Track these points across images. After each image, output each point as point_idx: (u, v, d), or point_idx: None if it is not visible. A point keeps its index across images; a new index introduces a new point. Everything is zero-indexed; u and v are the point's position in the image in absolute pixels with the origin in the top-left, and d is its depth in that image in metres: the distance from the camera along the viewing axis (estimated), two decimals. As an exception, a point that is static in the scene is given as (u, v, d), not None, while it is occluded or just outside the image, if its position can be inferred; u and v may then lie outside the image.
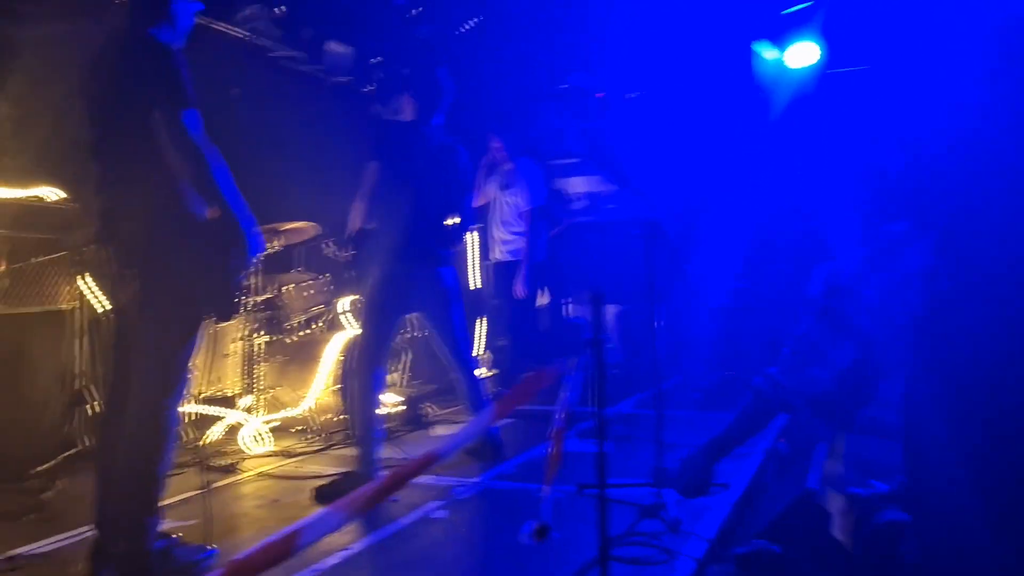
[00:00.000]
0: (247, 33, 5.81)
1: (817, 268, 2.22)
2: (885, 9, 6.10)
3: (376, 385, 4.02)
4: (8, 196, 4.15)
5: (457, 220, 4.33)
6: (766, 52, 7.29)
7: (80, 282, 4.23)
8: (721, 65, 7.22)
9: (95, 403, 3.94)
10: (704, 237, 6.94)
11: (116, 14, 2.97)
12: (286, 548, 1.64)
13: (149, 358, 2.80)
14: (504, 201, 6.25)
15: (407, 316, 4.47)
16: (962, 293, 1.29)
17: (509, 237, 6.23)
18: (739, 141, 7.37)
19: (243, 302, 4.91)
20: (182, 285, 2.77)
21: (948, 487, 1.19)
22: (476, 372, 4.47)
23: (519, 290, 6.08)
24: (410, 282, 4.08)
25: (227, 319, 2.87)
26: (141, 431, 2.75)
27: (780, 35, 7.26)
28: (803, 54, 7.06)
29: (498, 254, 6.34)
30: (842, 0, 6.65)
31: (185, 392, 2.88)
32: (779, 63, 7.32)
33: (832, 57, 6.99)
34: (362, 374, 4.01)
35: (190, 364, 2.88)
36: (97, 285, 4.30)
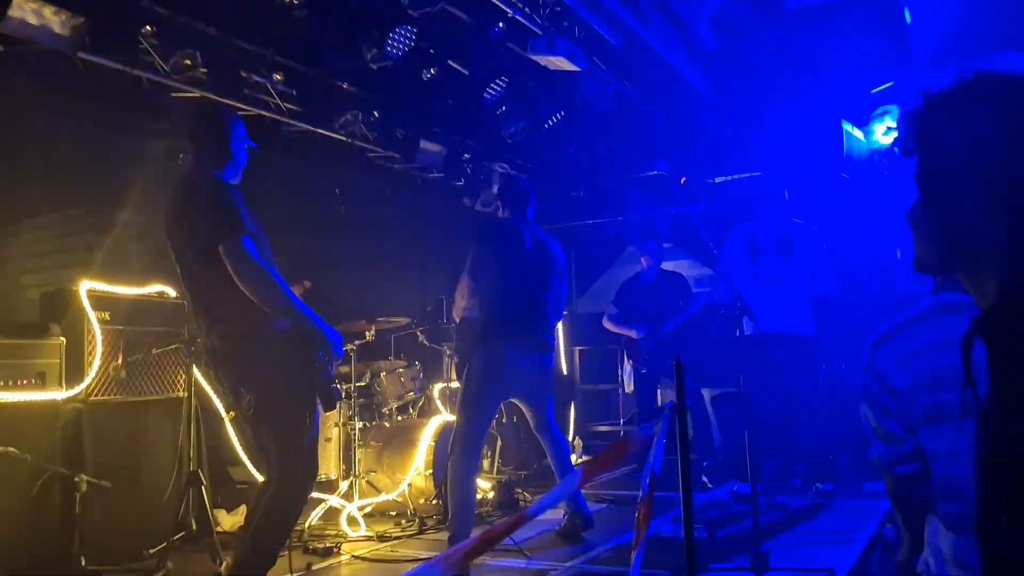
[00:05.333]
0: (346, 137, 6.21)
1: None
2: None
3: (472, 469, 4.09)
4: (130, 293, 4.51)
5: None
6: (855, 130, 7.28)
7: (193, 372, 4.50)
8: (811, 144, 7.22)
9: (206, 486, 4.14)
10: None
11: (188, 155, 3.33)
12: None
13: (276, 456, 3.05)
14: None
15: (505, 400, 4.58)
16: None
17: None
18: (829, 217, 7.29)
19: (340, 391, 5.12)
20: (287, 391, 3.03)
21: None
22: (571, 456, 4.52)
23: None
24: (516, 367, 4.19)
25: (332, 408, 3.13)
26: (275, 515, 3.00)
27: (869, 113, 7.25)
28: (892, 131, 7.04)
29: None
30: (925, 79, 6.61)
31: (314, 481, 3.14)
32: (869, 140, 7.29)
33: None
34: (459, 458, 4.08)
35: (316, 454, 3.12)
36: (216, 392, 4.65)
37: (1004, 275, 1.10)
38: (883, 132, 7.15)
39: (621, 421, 7.88)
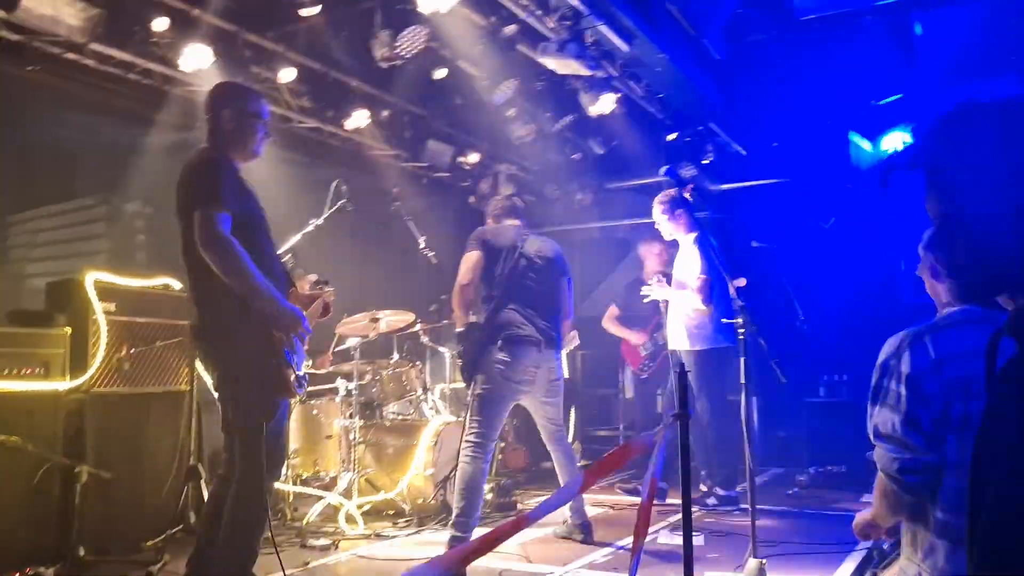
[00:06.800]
0: (353, 135, 6.22)
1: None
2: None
3: (484, 472, 4.08)
4: (135, 284, 4.51)
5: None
6: (862, 141, 7.29)
7: (194, 365, 4.50)
8: (817, 155, 7.23)
9: (205, 480, 4.14)
10: (799, 325, 6.82)
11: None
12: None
13: (241, 440, 3.00)
14: None
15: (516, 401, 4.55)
16: None
17: None
18: (834, 227, 7.31)
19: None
20: (250, 371, 2.97)
21: None
22: (575, 459, 4.55)
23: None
24: (527, 366, 4.19)
25: (291, 396, 3.05)
26: (242, 505, 2.94)
27: (875, 125, 7.26)
28: (897, 143, 7.06)
29: None
30: (934, 92, 6.62)
31: (282, 470, 3.05)
32: (875, 152, 7.31)
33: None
34: (471, 461, 4.07)
35: (283, 443, 3.06)
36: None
37: None
38: (891, 144, 7.16)
39: (621, 426, 7.88)
